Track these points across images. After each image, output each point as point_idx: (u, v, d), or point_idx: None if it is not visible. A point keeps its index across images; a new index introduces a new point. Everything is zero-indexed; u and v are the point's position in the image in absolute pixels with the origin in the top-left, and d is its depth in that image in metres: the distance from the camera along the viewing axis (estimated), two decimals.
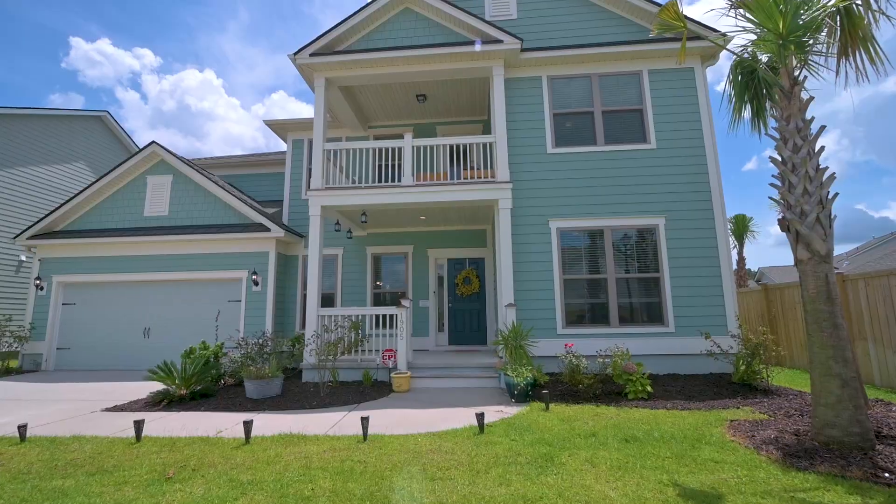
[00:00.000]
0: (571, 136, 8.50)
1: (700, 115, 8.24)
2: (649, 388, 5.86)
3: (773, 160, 4.41)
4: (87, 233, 10.52)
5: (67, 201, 10.66)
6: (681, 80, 8.41)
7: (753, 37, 4.70)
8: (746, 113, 5.18)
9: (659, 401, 5.75)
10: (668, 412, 5.21)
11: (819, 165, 4.14)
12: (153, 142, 10.52)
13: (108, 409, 6.14)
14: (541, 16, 8.95)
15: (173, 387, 6.55)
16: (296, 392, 6.85)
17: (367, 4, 8.53)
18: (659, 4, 8.35)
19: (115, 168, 10.67)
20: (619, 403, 5.63)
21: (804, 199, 4.06)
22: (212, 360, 7.34)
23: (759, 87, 4.85)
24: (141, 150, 10.64)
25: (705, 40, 8.12)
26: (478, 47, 8.10)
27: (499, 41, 8.11)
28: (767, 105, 5.02)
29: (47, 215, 10.63)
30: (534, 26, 8.87)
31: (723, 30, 7.96)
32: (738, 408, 5.37)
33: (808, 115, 4.27)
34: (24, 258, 13.06)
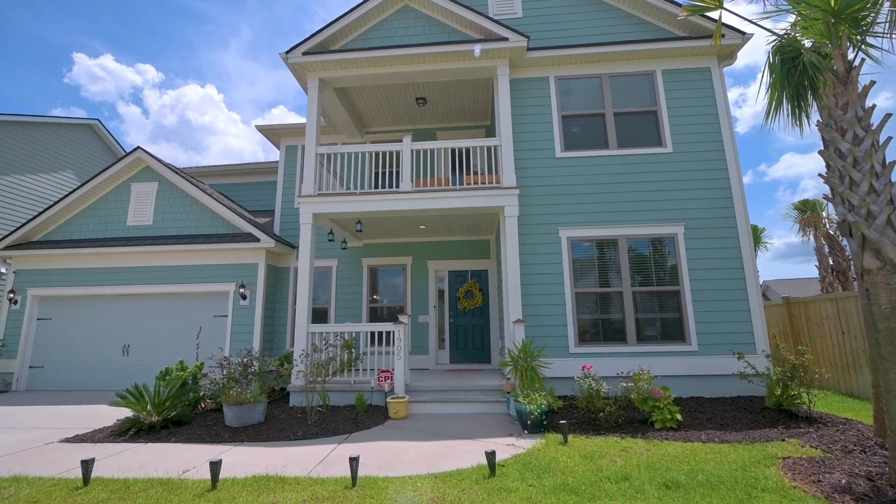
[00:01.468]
0: (581, 139, 7.96)
1: (718, 116, 7.72)
2: (679, 417, 5.18)
3: (822, 154, 3.83)
4: (65, 243, 9.88)
5: (46, 210, 10.05)
6: (697, 81, 7.91)
7: (791, 19, 4.19)
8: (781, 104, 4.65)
9: (691, 431, 5.06)
10: (704, 446, 4.53)
11: (885, 159, 3.55)
12: (138, 147, 9.96)
13: (67, 440, 5.43)
14: (547, 14, 8.49)
15: (143, 413, 5.86)
16: (281, 419, 6.14)
17: (364, 2, 8.08)
18: (671, 1, 7.92)
19: (97, 175, 10.07)
20: (645, 434, 4.95)
21: (870, 198, 3.46)
22: (190, 382, 6.64)
23: (802, 74, 4.29)
24: (126, 155, 10.07)
25: (723, 38, 7.67)
26: (480, 46, 7.61)
27: (503, 39, 7.63)
28: (809, 96, 4.47)
29: (23, 224, 10.02)
30: (540, 25, 8.41)
31: (742, 27, 7.53)
32: (782, 440, 4.69)
33: (867, 103, 3.71)
34: (2, 270, 12.40)
